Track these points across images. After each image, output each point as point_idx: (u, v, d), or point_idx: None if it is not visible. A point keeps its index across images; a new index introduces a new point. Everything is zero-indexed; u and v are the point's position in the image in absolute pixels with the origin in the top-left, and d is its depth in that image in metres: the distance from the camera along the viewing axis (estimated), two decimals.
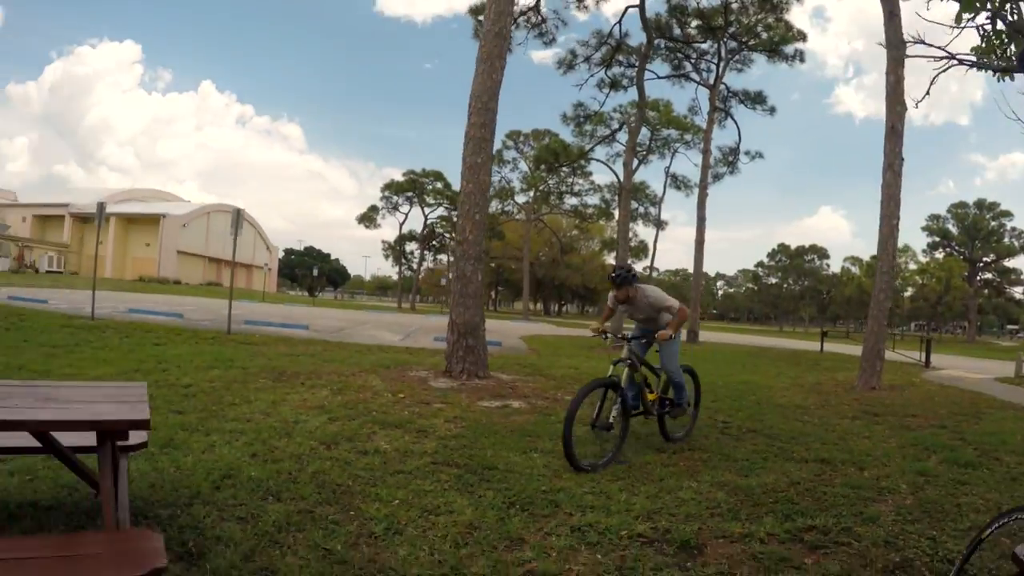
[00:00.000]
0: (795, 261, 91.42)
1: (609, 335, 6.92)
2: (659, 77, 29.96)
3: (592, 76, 27.49)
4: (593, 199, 59.40)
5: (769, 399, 10.27)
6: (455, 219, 67.55)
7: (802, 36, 29.02)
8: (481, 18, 19.90)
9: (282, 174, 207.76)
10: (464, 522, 3.92)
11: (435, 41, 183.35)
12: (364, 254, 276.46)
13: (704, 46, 30.59)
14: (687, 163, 75.21)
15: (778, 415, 8.59)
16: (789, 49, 29.24)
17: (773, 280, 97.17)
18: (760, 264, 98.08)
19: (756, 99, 32.12)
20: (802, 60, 29.56)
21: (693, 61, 31.02)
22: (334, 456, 5.13)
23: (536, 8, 22.71)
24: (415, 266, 74.15)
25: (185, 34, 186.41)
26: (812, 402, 10.27)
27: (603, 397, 5.83)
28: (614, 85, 28.12)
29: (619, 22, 24.97)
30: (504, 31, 11.32)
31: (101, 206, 18.08)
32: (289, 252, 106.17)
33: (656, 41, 26.49)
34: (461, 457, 5.30)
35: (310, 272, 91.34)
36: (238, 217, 15.93)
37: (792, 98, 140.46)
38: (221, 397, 7.15)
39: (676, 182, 46.42)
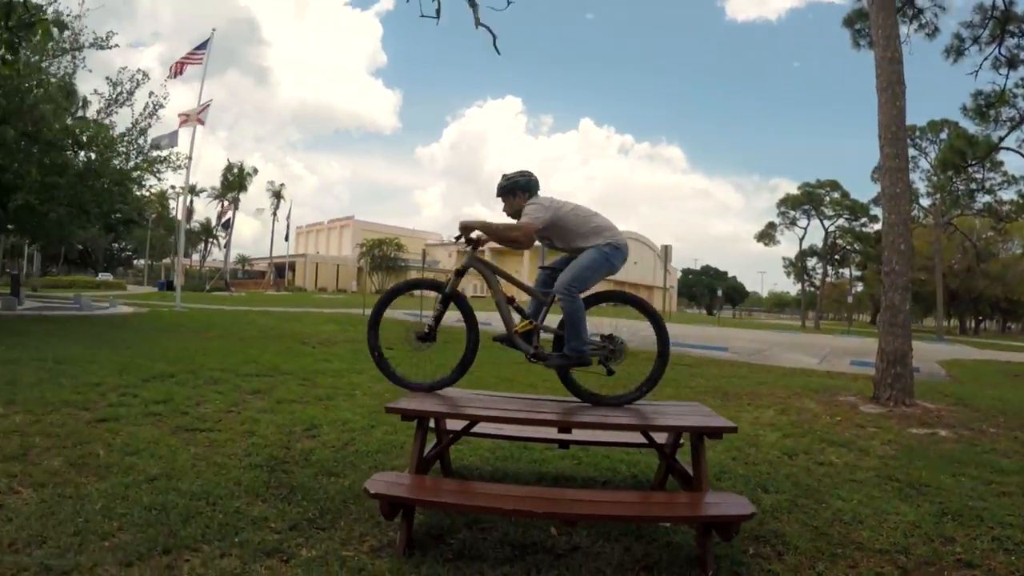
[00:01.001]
0: None
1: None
2: None
3: (985, 58, 24.88)
4: (1008, 193, 52.21)
5: None
6: (857, 230, 64.08)
7: None
8: (858, 27, 19.33)
9: (668, 194, 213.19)
10: (908, 521, 4.93)
11: (795, 36, 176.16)
12: (759, 269, 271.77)
13: None
14: None
15: None
16: None
17: None
18: None
19: None
20: None
21: None
22: (797, 464, 6.36)
23: (911, 2, 21.27)
24: (817, 282, 71.28)
25: (557, 82, 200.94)
26: None
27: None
28: (1011, 63, 25.13)
29: None
30: (896, 54, 11.40)
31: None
32: (686, 272, 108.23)
33: None
34: (899, 473, 6.16)
35: (711, 291, 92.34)
36: (666, 253, 17.95)
37: None
38: None
39: None
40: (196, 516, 4.28)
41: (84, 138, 20.17)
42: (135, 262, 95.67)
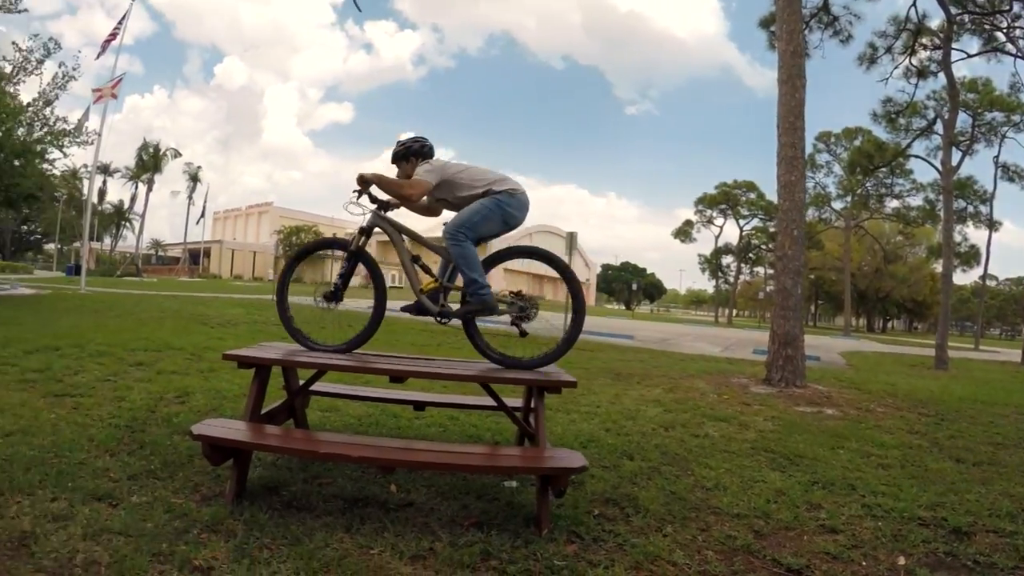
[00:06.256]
0: None
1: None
2: (969, 55, 26.89)
3: (896, 67, 25.54)
4: (916, 200, 53.93)
5: None
6: (771, 230, 65.56)
7: None
8: (772, 29, 19.68)
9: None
10: (775, 488, 4.99)
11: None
12: (679, 267, 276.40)
13: (1016, 9, 26.69)
14: (1020, 150, 64.35)
15: None
16: None
17: None
18: None
19: None
20: None
21: (1005, 30, 27.38)
22: (671, 436, 6.42)
23: (825, 8, 21.68)
24: (731, 279, 72.54)
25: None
26: None
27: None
28: (921, 73, 25.70)
29: (914, 4, 23.19)
30: (799, 48, 11.70)
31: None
32: (606, 267, 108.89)
33: (958, 16, 24.21)
34: (776, 446, 6.25)
35: (628, 286, 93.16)
36: (571, 240, 18.01)
37: None
38: (571, 390, 8.63)
39: (1008, 173, 40.80)
40: (39, 465, 4.30)
41: None
42: (45, 246, 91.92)
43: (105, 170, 74.65)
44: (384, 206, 5.03)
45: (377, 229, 5.00)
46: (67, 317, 14.59)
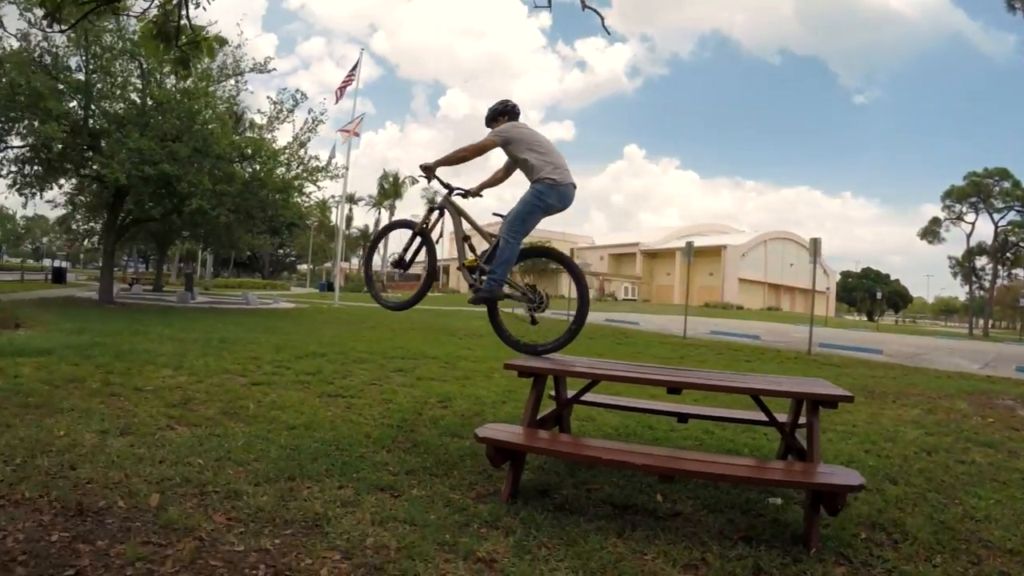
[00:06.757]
0: None
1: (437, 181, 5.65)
2: None
3: None
4: None
5: None
6: None
7: None
8: None
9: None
10: None
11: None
12: (926, 272, 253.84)
13: None
14: None
15: None
16: None
17: None
18: None
19: None
20: None
21: None
22: (934, 460, 6.04)
23: None
24: (986, 285, 64.96)
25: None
26: None
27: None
28: None
29: None
30: None
31: (689, 245, 21.96)
32: (846, 275, 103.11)
33: None
34: None
35: (870, 295, 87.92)
36: (815, 247, 17.50)
37: None
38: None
39: None
40: (324, 456, 4.99)
41: (248, 151, 22.73)
42: (299, 266, 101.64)
43: (351, 199, 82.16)
44: (458, 192, 5.78)
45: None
46: (327, 327, 16.23)
